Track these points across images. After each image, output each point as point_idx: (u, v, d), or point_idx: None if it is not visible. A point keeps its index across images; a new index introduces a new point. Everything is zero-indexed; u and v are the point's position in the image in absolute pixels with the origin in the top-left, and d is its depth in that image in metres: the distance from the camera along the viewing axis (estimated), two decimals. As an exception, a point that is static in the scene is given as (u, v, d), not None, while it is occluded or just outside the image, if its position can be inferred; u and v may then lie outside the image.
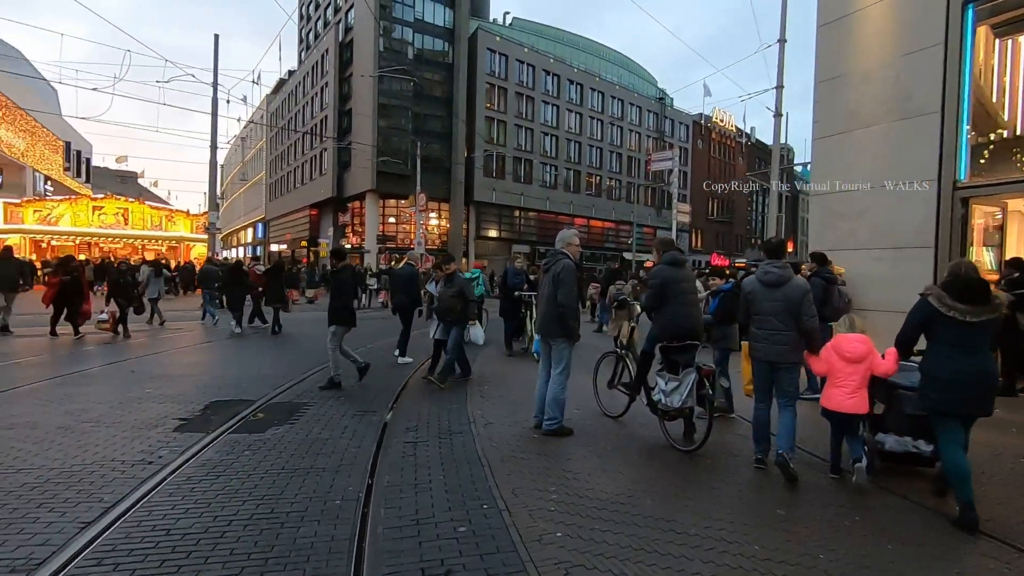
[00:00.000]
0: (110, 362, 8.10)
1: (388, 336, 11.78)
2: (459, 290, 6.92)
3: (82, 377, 6.88)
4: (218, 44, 17.63)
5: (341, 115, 41.23)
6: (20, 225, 26.19)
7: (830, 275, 6.45)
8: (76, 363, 7.95)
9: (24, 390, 6.05)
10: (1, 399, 5.63)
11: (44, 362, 7.98)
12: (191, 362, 8.44)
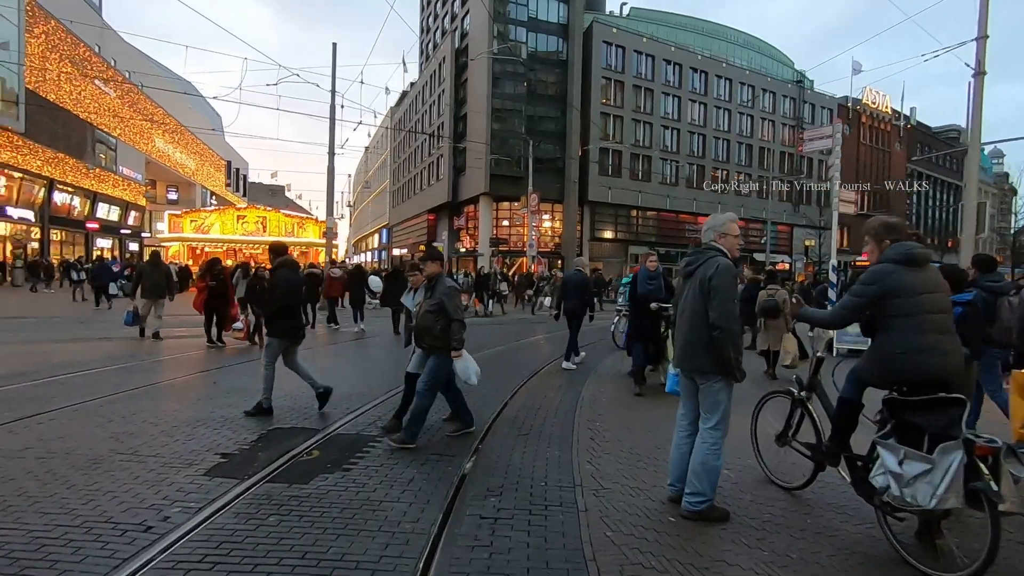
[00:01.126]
0: (202, 371, 7.80)
1: (499, 344, 11.43)
2: (439, 303, 4.69)
3: (162, 390, 6.44)
4: (336, 53, 17.86)
5: (456, 120, 41.76)
6: (180, 234, 29.26)
7: (996, 283, 4.93)
8: (170, 371, 7.72)
9: (95, 404, 5.58)
10: (66, 413, 5.23)
11: (144, 368, 7.85)
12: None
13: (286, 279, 5.44)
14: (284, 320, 5.43)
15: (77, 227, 40.71)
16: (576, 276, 8.79)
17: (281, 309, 5.41)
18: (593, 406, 6.12)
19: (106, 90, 42.29)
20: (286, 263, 5.60)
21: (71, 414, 5.18)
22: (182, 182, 63.07)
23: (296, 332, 5.52)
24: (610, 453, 4.53)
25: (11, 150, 31.37)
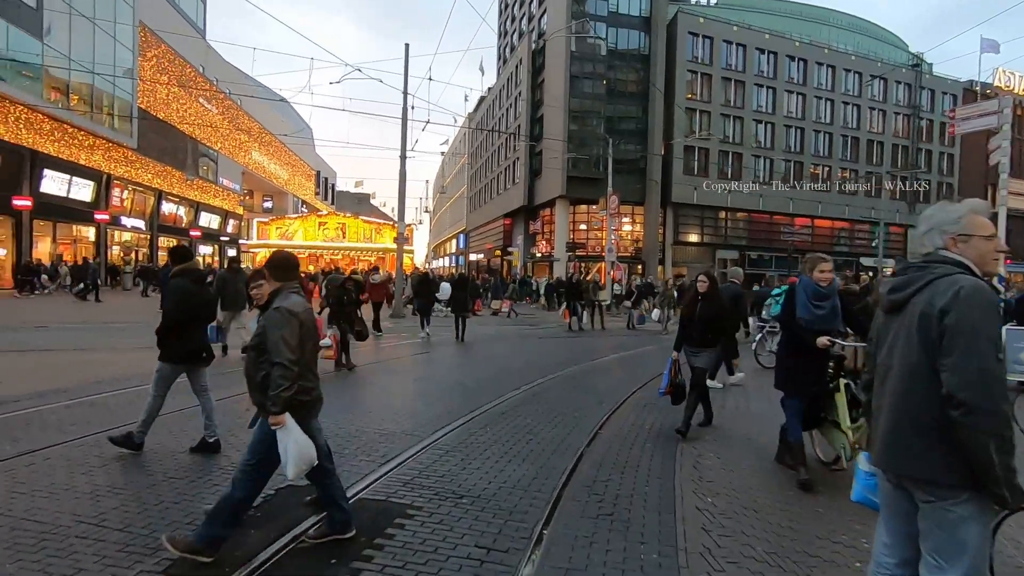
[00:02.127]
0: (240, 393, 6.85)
1: (580, 361, 9.61)
2: (260, 335, 3.03)
3: (184, 419, 5.37)
4: (408, 54, 17.36)
5: (533, 123, 40.81)
6: (267, 240, 30.31)
7: None
8: (215, 392, 6.94)
9: (91, 441, 4.64)
10: (64, 451, 4.52)
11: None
12: (329, 389, 6.91)
13: (181, 291, 4.37)
14: (177, 341, 4.38)
15: (182, 234, 43.86)
16: (730, 289, 8.20)
17: (172, 328, 4.34)
18: (716, 478, 4.34)
19: (209, 107, 45.33)
20: (186, 271, 4.52)
21: (68, 451, 4.47)
22: (276, 191, 66.91)
23: (192, 356, 4.47)
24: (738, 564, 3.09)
25: (126, 164, 34.05)
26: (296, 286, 3.17)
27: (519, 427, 5.46)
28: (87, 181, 30.39)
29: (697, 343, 5.52)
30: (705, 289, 5.53)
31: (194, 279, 4.53)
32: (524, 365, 9.36)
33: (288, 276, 3.15)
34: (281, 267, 3.15)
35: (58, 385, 6.46)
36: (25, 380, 6.70)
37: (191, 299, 4.37)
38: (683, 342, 5.60)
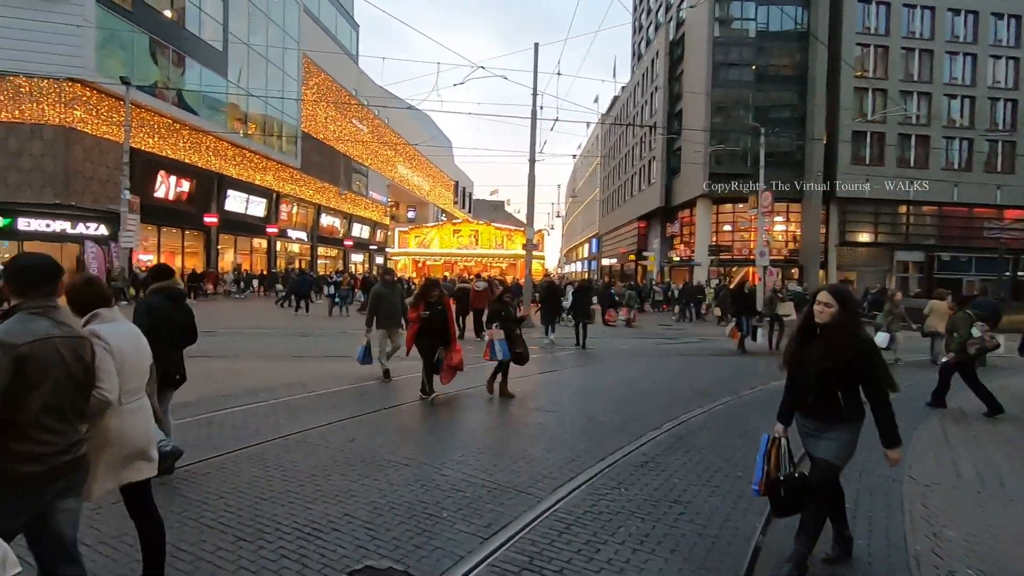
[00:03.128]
0: (348, 418, 5.96)
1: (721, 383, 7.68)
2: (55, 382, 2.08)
3: (281, 447, 4.84)
4: (538, 54, 16.73)
5: (671, 118, 38.29)
6: (406, 249, 31.78)
7: None
8: (306, 417, 5.87)
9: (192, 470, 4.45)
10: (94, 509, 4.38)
11: (290, 407, 6.83)
12: (442, 423, 6.24)
13: (147, 308, 4.00)
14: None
15: (337, 244, 48.23)
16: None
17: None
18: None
19: (360, 126, 49.38)
20: (161, 289, 4.15)
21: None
22: (419, 202, 71.25)
23: (164, 378, 3.89)
24: None
25: (291, 183, 38.08)
26: (44, 305, 2.14)
27: (663, 489, 4.28)
28: (260, 199, 34.41)
29: (817, 415, 3.10)
30: (830, 317, 3.04)
31: (169, 296, 4.20)
32: (666, 392, 8.03)
33: (32, 291, 2.13)
34: (23, 276, 2.14)
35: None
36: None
37: (156, 317, 3.98)
38: (793, 409, 3.25)
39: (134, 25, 23.75)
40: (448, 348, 7.10)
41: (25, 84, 20.98)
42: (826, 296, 3.07)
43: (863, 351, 2.98)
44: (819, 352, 3.01)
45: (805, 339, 3.15)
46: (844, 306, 3.05)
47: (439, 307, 7.12)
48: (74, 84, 21.54)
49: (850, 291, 3.28)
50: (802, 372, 3.12)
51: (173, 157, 26.72)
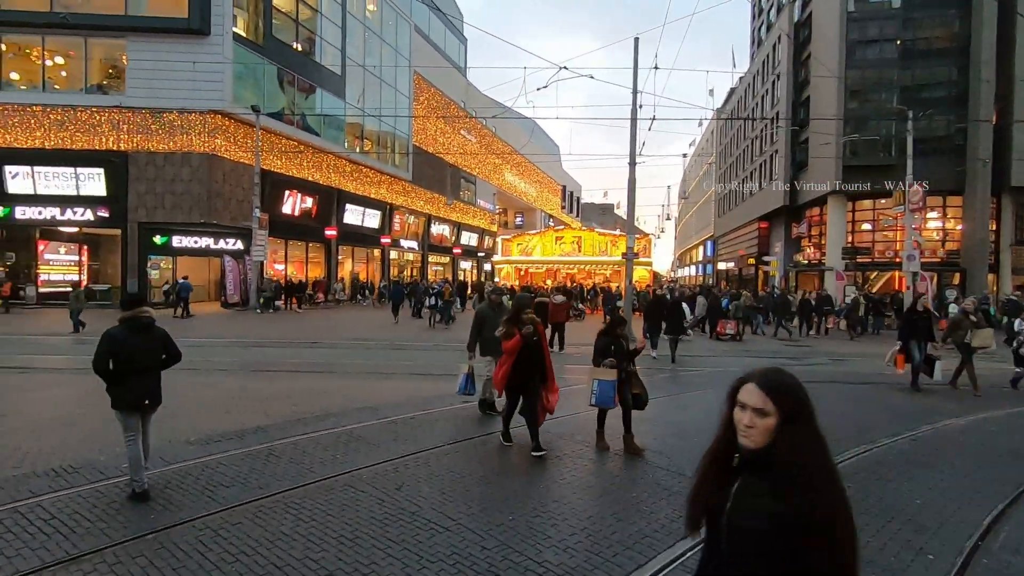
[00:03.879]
0: (408, 454, 5.38)
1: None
2: None
3: (326, 491, 4.48)
4: (637, 49, 15.70)
5: (796, 108, 34.67)
6: (509, 257, 31.81)
7: None
8: (375, 452, 5.49)
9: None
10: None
11: (355, 440, 6.97)
12: (512, 471, 5.27)
13: (107, 339, 4.33)
14: (119, 388, 4.36)
15: (446, 252, 49.87)
16: None
17: (102, 375, 4.35)
18: None
19: (469, 137, 50.77)
20: (126, 319, 4.41)
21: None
22: (527, 208, 71.84)
23: (133, 402, 4.37)
24: None
25: (403, 195, 39.95)
26: None
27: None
28: (375, 211, 36.41)
29: None
30: (765, 438, 1.46)
31: (131, 327, 4.41)
32: None
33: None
34: None
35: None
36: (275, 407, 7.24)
37: (112, 348, 4.32)
38: None
39: (264, 58, 26.13)
40: (545, 385, 5.71)
41: (178, 119, 23.82)
42: (756, 394, 1.48)
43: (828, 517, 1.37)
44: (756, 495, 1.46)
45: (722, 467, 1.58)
46: (791, 415, 1.46)
47: (534, 336, 5.61)
48: (215, 115, 24.08)
49: (797, 383, 1.51)
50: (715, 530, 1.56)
51: (298, 176, 29.02)
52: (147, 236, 24.25)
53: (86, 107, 23.53)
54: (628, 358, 5.94)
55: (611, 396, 5.66)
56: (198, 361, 10.98)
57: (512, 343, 5.50)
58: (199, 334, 15.77)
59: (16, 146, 23.33)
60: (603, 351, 5.88)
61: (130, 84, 23.81)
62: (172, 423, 6.18)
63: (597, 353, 5.94)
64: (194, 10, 23.34)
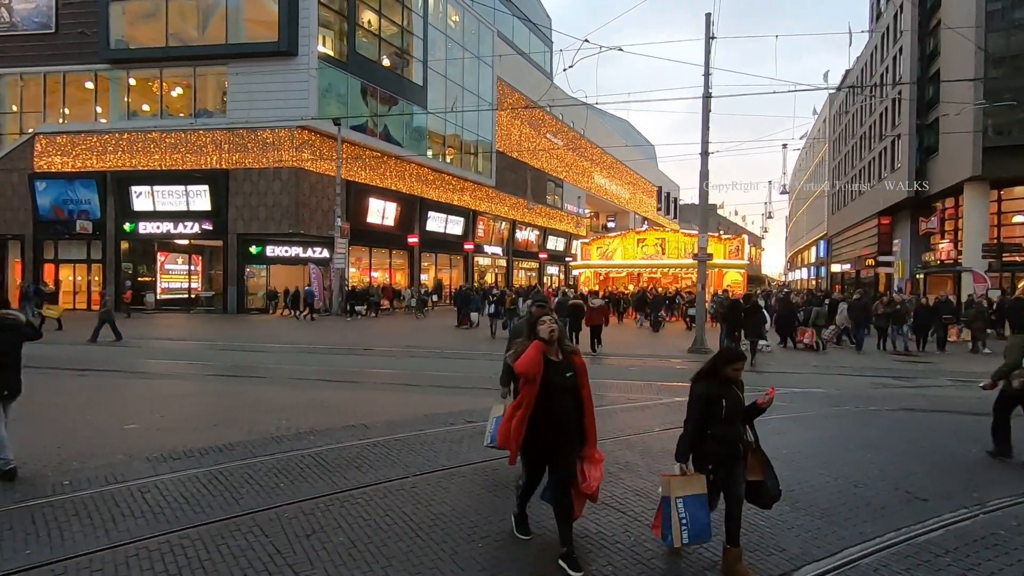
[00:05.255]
0: (349, 489, 4.59)
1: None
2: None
3: (232, 529, 3.87)
4: (709, 25, 14.10)
5: (923, 85, 30.04)
6: (588, 261, 30.58)
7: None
8: (322, 481, 4.85)
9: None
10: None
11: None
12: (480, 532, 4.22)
13: None
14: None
15: (532, 258, 49.42)
16: None
17: None
18: None
19: (555, 141, 50.07)
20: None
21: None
22: (619, 211, 69.72)
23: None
24: None
25: (487, 201, 40.09)
26: None
27: None
28: (458, 217, 36.79)
29: None
30: None
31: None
32: (906, 482, 5.20)
33: None
34: None
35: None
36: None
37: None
38: None
39: (348, 74, 27.24)
40: (584, 449, 3.62)
41: (270, 136, 25.44)
42: None
43: None
44: None
45: None
46: None
47: (568, 369, 3.58)
48: (302, 131, 25.42)
49: None
50: None
51: (381, 186, 29.94)
52: (244, 246, 26.11)
53: (194, 130, 25.85)
54: (747, 418, 3.60)
55: (705, 523, 3.40)
56: (246, 367, 11.23)
57: (527, 361, 3.41)
58: (264, 338, 16.41)
59: (140, 168, 26.17)
60: (702, 415, 3.46)
61: (230, 106, 25.85)
62: (160, 437, 6.02)
63: (693, 419, 3.50)
64: (283, 33, 24.82)
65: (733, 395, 3.50)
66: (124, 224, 26.44)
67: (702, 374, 3.59)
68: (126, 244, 27.11)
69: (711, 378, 3.53)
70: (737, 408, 3.51)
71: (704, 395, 3.49)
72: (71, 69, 26.91)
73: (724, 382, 3.50)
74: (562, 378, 3.50)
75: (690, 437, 3.50)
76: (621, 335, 18.57)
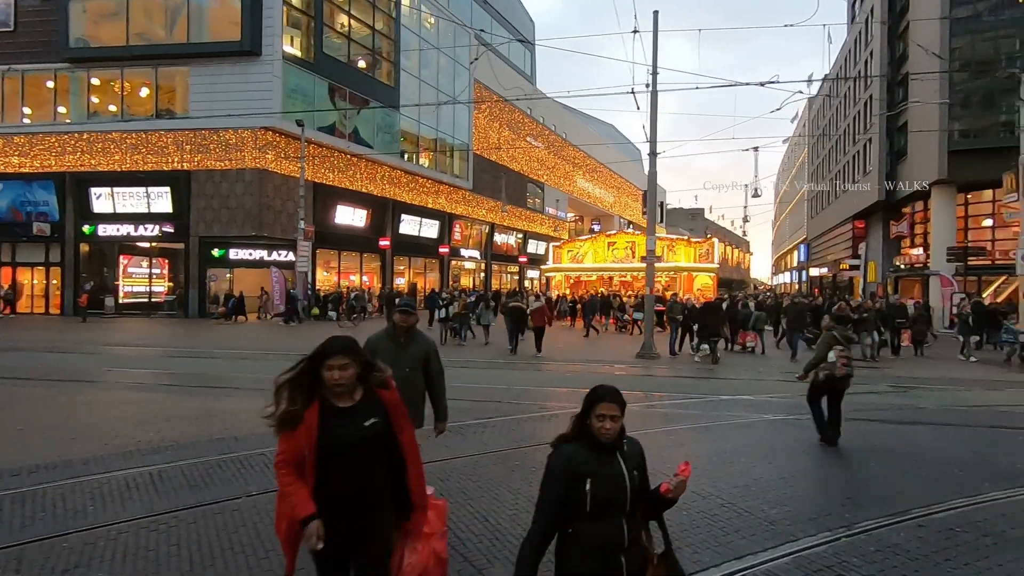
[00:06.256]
0: (128, 520, 4.37)
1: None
2: None
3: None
4: (657, 25, 13.88)
5: (893, 87, 30.09)
6: (559, 264, 30.33)
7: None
8: (113, 509, 4.92)
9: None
10: None
11: None
12: None
13: None
14: None
15: (512, 261, 49.11)
16: None
17: None
18: None
19: (536, 144, 49.83)
20: None
21: None
22: (603, 215, 69.59)
23: None
24: None
25: (463, 204, 39.74)
26: None
27: None
28: (433, 221, 36.40)
29: None
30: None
31: None
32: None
33: None
34: None
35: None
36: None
37: None
38: None
39: (315, 74, 26.83)
40: (410, 522, 2.59)
41: (233, 136, 25.00)
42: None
43: None
44: None
45: None
46: None
47: (370, 412, 2.45)
48: (266, 132, 25.00)
49: None
50: None
51: (351, 188, 29.53)
52: (206, 249, 25.61)
53: (155, 131, 25.36)
54: (648, 512, 2.27)
55: None
56: (155, 373, 10.78)
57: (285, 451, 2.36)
58: (204, 343, 15.96)
59: (100, 169, 25.65)
60: (557, 502, 2.12)
61: (193, 107, 25.38)
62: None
63: (543, 509, 2.15)
64: (246, 32, 24.42)
65: (610, 471, 2.11)
66: (83, 226, 25.90)
67: (564, 435, 2.25)
68: (86, 247, 26.56)
69: (579, 439, 2.17)
70: (615, 495, 2.10)
71: (561, 469, 2.13)
72: (30, 68, 26.36)
73: (595, 446, 2.12)
74: (357, 429, 2.37)
75: (536, 541, 2.12)
76: (574, 339, 18.40)
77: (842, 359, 6.21)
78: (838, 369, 6.20)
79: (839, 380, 6.24)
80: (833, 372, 6.20)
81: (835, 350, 6.27)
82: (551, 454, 2.22)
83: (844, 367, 6.22)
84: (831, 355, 6.25)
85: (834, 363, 6.21)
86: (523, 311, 13.59)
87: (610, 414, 2.11)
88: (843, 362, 6.22)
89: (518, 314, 13.53)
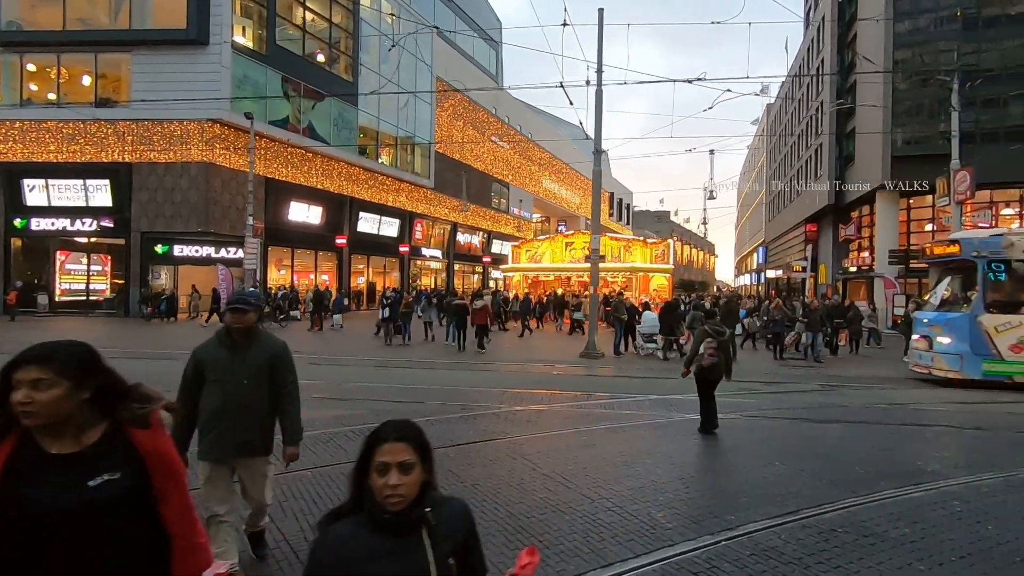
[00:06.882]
0: None
1: None
2: None
3: None
4: (602, 21, 13.80)
5: (842, 93, 30.98)
6: (517, 264, 30.18)
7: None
8: None
9: None
10: None
11: None
12: None
13: None
14: None
15: (476, 261, 48.79)
16: None
17: None
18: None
19: (501, 144, 49.62)
20: None
21: None
22: (569, 216, 69.87)
23: None
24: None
25: (425, 203, 39.22)
26: None
27: None
28: (393, 219, 35.81)
29: None
30: None
31: None
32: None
33: None
34: None
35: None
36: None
37: None
38: None
39: (267, 66, 26.02)
40: None
41: (178, 128, 24.01)
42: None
43: None
44: None
45: None
46: None
47: (109, 466, 1.50)
48: (214, 124, 24.10)
49: None
50: None
51: (306, 184, 28.75)
52: (149, 246, 24.56)
53: (95, 120, 24.19)
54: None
55: None
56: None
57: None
58: (141, 344, 15.25)
59: (33, 160, 24.32)
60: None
61: (134, 96, 24.28)
62: None
63: None
64: (192, 21, 23.53)
65: (405, 566, 1.38)
66: (14, 220, 24.53)
67: (336, 509, 1.48)
68: (18, 241, 25.19)
69: (359, 512, 1.41)
70: None
71: (327, 568, 1.38)
72: (-43, 52, 24.87)
73: (380, 524, 1.37)
74: (76, 490, 1.46)
75: None
76: (524, 340, 18.29)
77: (710, 350, 6.53)
78: (704, 359, 6.54)
79: (708, 370, 6.57)
80: (701, 363, 6.58)
81: (706, 343, 6.61)
82: (315, 540, 1.43)
83: (710, 357, 6.54)
84: (702, 348, 6.62)
85: (702, 355, 6.59)
86: (464, 308, 13.47)
87: (397, 461, 1.33)
88: (710, 352, 6.54)
89: (460, 311, 13.44)
